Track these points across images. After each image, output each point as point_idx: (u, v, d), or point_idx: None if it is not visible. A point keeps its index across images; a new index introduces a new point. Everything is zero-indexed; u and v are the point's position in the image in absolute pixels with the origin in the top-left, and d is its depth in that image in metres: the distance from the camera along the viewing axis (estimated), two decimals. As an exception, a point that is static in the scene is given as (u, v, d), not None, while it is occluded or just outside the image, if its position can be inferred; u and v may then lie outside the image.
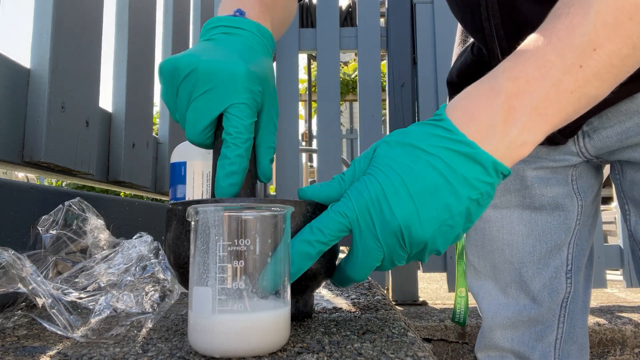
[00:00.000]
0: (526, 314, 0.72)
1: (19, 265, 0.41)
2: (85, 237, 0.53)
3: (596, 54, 0.39)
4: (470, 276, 0.79)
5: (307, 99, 3.96)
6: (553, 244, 0.71)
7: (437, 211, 0.40)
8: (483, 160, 0.40)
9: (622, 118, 0.60)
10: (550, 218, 0.71)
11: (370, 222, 0.41)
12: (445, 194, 0.40)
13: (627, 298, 1.92)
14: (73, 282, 0.45)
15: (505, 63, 0.42)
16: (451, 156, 0.40)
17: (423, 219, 0.40)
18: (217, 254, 0.35)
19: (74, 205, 0.53)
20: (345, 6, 2.09)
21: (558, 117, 0.41)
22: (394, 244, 0.41)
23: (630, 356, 1.43)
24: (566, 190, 0.70)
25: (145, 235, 0.51)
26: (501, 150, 0.40)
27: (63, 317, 0.39)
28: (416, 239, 0.40)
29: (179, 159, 0.69)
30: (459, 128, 0.41)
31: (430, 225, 0.40)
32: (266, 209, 0.37)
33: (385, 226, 0.40)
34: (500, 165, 0.40)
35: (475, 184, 0.40)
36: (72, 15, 0.75)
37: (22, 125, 0.68)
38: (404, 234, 0.40)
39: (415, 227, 0.40)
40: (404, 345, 0.39)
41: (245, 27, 0.51)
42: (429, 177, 0.40)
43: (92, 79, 0.80)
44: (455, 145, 0.40)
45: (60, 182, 3.22)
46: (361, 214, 0.41)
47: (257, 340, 0.35)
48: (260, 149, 0.50)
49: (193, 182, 0.68)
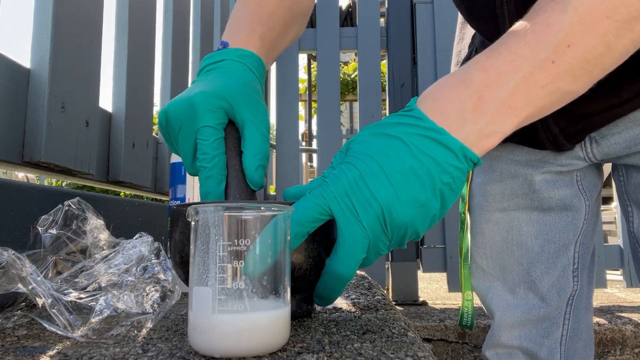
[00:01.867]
0: (535, 313, 0.72)
1: (18, 265, 0.41)
2: (85, 237, 0.53)
3: (570, 50, 0.39)
4: (477, 278, 0.79)
5: (307, 99, 3.96)
6: (561, 244, 0.71)
7: (414, 192, 0.41)
8: (452, 145, 0.41)
9: (629, 125, 0.60)
10: (558, 218, 0.71)
11: (352, 207, 0.41)
12: (420, 175, 0.41)
13: (627, 298, 1.92)
14: (73, 282, 0.45)
15: (480, 56, 0.43)
16: (422, 141, 0.41)
17: (402, 200, 0.41)
18: (217, 254, 0.35)
19: (73, 205, 0.53)
20: (345, 6, 2.09)
21: (527, 111, 0.41)
22: (377, 228, 0.41)
23: (630, 356, 1.43)
24: (573, 191, 0.71)
25: (146, 235, 0.51)
26: (470, 138, 0.41)
27: (63, 317, 0.39)
28: (397, 221, 0.41)
29: (179, 159, 0.69)
30: (429, 116, 0.42)
31: (410, 207, 0.41)
32: (266, 209, 0.37)
33: (368, 209, 0.41)
34: (468, 151, 0.41)
35: (447, 168, 0.41)
36: (72, 15, 0.75)
37: (22, 125, 0.68)
38: (386, 217, 0.41)
39: (396, 209, 0.41)
40: (404, 345, 0.39)
41: (226, 57, 0.55)
42: (403, 160, 0.41)
43: (92, 79, 0.80)
44: (425, 132, 0.41)
45: (60, 182, 3.22)
46: (341, 199, 0.41)
47: (257, 340, 0.35)
48: (246, 158, 0.51)
49: (193, 182, 0.68)
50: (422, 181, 0.41)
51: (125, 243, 0.50)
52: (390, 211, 0.41)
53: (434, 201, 0.42)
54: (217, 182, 0.50)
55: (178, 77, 1.23)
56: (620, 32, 0.39)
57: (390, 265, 1.87)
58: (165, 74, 1.20)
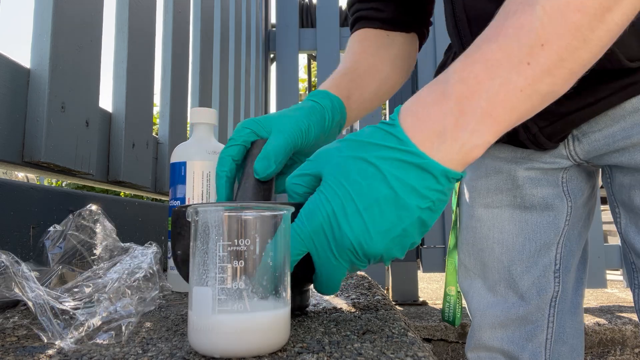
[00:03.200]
0: (514, 312, 0.73)
1: (16, 270, 0.41)
2: (95, 247, 0.53)
3: (544, 49, 0.38)
4: (461, 275, 0.80)
5: (307, 99, 3.95)
6: (542, 243, 0.72)
7: (387, 224, 0.41)
8: (433, 169, 0.40)
9: (609, 122, 0.61)
10: (540, 218, 0.72)
11: (326, 242, 0.42)
12: (394, 206, 0.40)
13: (627, 298, 1.91)
14: (73, 292, 0.45)
15: (457, 64, 0.42)
16: (400, 167, 0.41)
17: (373, 233, 0.41)
18: (217, 254, 0.35)
19: (84, 214, 0.54)
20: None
21: (509, 117, 0.40)
22: (350, 258, 0.42)
23: (630, 356, 1.43)
24: (556, 191, 0.71)
25: (154, 245, 0.51)
26: (451, 155, 0.41)
27: (52, 325, 0.39)
28: (370, 252, 0.41)
29: (179, 159, 0.69)
30: (410, 135, 0.41)
31: (382, 239, 0.41)
32: (266, 209, 0.37)
33: (340, 244, 0.41)
34: (450, 172, 0.41)
35: (425, 193, 0.41)
36: (72, 15, 0.75)
37: (22, 125, 0.68)
38: (357, 250, 0.41)
39: (367, 242, 0.41)
40: (404, 345, 0.39)
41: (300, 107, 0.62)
42: (376, 190, 0.40)
43: (92, 79, 0.80)
44: (404, 156, 0.41)
45: (60, 182, 3.22)
46: (316, 236, 0.42)
47: (257, 340, 0.35)
48: (278, 178, 0.60)
49: (193, 182, 0.68)
50: (396, 212, 0.40)
51: (133, 251, 0.50)
52: (361, 244, 0.41)
53: (411, 229, 0.41)
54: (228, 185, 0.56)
55: (178, 77, 1.23)
56: (593, 24, 0.38)
57: (390, 265, 1.87)
58: (165, 74, 1.20)
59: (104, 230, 0.54)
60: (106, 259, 0.52)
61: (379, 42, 0.75)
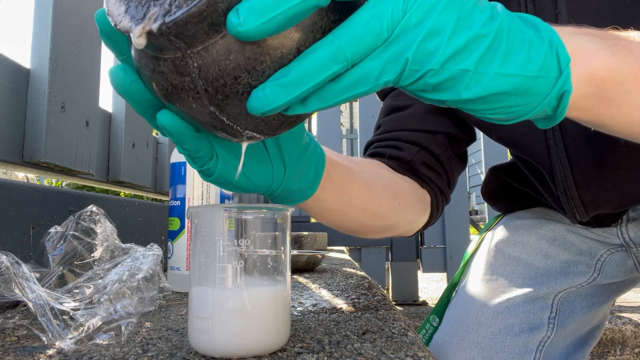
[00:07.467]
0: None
1: (17, 271, 0.42)
2: (96, 247, 0.53)
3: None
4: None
5: (307, 99, 3.95)
6: (546, 291, 0.73)
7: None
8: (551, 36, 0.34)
9: None
10: (553, 264, 0.74)
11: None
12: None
13: (627, 298, 1.91)
14: (73, 293, 0.45)
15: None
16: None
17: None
18: (217, 254, 0.35)
19: (84, 214, 0.54)
20: (345, 6, 2.09)
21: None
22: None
23: (630, 356, 1.43)
24: (581, 259, 0.73)
25: (156, 247, 0.51)
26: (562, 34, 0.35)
27: (51, 326, 0.39)
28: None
29: (179, 159, 0.69)
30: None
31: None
32: (266, 209, 0.37)
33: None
34: (562, 46, 0.34)
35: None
36: (72, 15, 0.75)
37: (22, 125, 0.68)
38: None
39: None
40: (404, 345, 0.39)
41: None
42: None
43: (92, 79, 0.80)
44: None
45: (60, 182, 3.22)
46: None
47: (257, 340, 0.35)
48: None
49: (193, 182, 0.68)
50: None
51: (134, 252, 0.50)
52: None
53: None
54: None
55: (178, 77, 1.23)
56: None
57: (390, 265, 1.87)
58: (165, 74, 1.20)
59: (104, 231, 0.54)
60: (107, 259, 0.52)
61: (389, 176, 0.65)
